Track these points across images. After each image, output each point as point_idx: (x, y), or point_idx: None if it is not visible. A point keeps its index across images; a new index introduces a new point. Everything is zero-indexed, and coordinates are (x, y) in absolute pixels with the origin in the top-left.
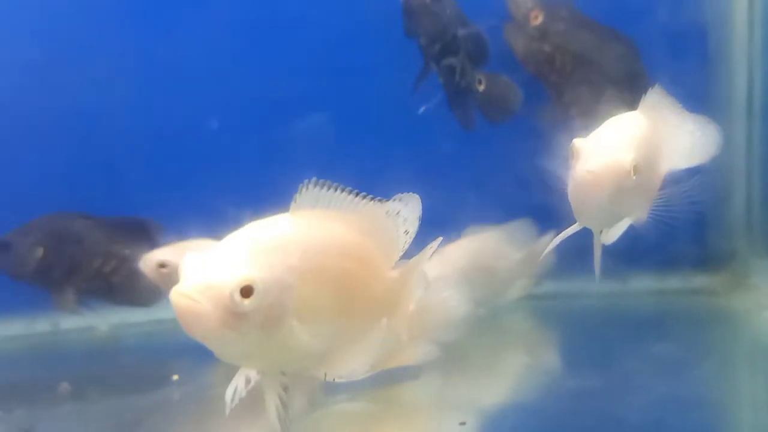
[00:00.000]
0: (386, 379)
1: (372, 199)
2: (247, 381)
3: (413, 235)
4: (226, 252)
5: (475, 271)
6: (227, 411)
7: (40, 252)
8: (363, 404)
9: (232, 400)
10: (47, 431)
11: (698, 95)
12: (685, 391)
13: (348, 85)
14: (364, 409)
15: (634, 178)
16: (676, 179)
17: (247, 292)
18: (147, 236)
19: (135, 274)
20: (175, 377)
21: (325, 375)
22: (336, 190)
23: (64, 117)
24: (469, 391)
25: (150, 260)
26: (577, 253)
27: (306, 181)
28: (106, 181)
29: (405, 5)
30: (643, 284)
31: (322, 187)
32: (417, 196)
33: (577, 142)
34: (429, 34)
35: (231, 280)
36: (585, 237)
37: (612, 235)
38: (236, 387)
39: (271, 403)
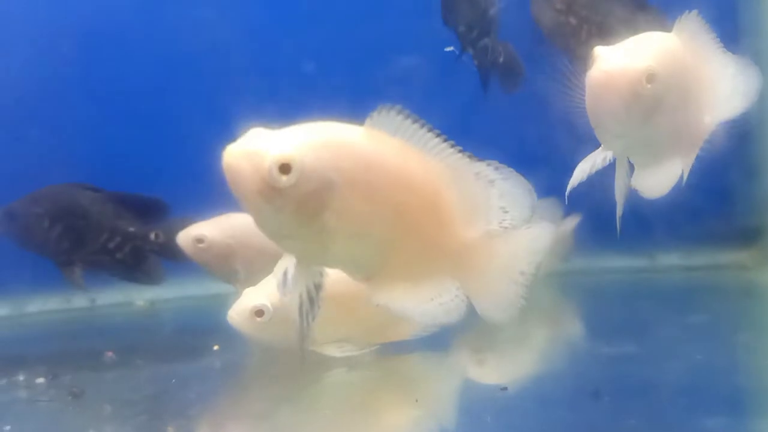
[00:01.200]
0: (405, 349)
1: (462, 152)
2: (286, 274)
3: (519, 221)
4: (286, 132)
5: None
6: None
7: (46, 222)
8: (391, 375)
9: (284, 285)
10: (97, 394)
11: None
12: (719, 357)
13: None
14: (395, 379)
15: (650, 86)
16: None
17: (285, 169)
18: (153, 214)
19: (140, 251)
20: (216, 347)
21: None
22: (422, 126)
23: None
24: (505, 360)
25: (188, 235)
26: (603, 230)
27: (384, 105)
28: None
29: None
30: (671, 260)
31: (405, 117)
32: (523, 179)
33: (598, 48)
34: (469, 22)
35: (273, 153)
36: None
37: (655, 190)
38: (284, 274)
39: (296, 295)
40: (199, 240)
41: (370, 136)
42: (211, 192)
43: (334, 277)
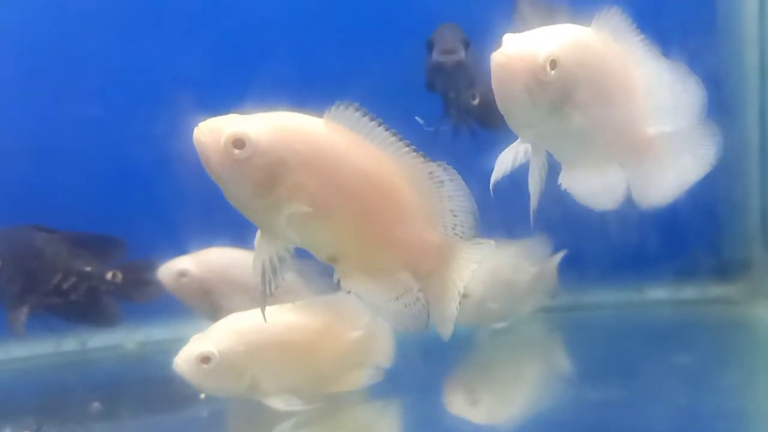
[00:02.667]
0: (398, 389)
1: (416, 152)
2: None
3: (467, 226)
4: (252, 116)
5: (497, 285)
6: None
7: None
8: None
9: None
10: None
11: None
12: (707, 401)
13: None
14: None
15: (552, 72)
16: None
17: (239, 144)
18: (111, 253)
19: (96, 291)
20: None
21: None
22: (379, 124)
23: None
24: (493, 403)
25: (170, 269)
26: (592, 265)
27: (341, 101)
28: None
29: (436, 65)
30: (660, 294)
31: (363, 114)
32: (464, 182)
33: (507, 35)
34: (458, 88)
35: (227, 128)
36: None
37: (603, 202)
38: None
39: (259, 262)
40: (182, 274)
41: (328, 127)
42: (165, 230)
43: (286, 325)
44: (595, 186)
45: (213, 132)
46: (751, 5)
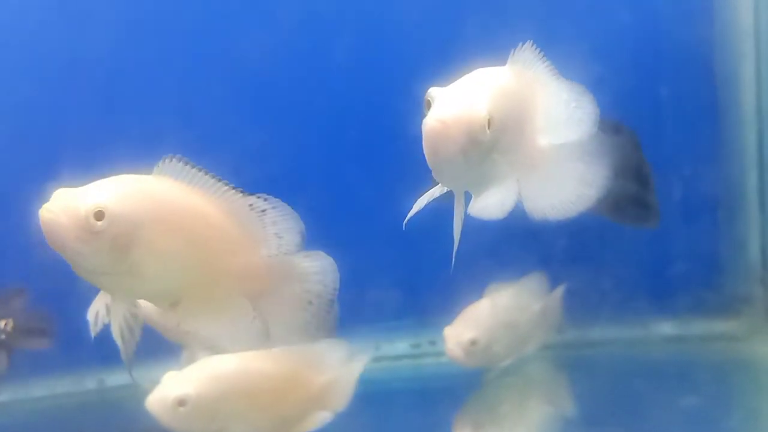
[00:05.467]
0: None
1: (236, 189)
2: (108, 307)
3: (292, 245)
4: (91, 187)
5: (502, 327)
6: (93, 334)
7: None
8: None
9: (96, 324)
10: None
11: (710, 143)
12: None
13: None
14: None
15: (488, 132)
16: None
17: (99, 216)
18: (9, 302)
19: None
20: None
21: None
22: (200, 171)
23: None
24: None
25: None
26: (595, 301)
27: (170, 155)
28: None
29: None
30: (665, 330)
31: (185, 164)
32: (290, 208)
33: (433, 90)
34: None
35: (87, 203)
36: (603, 284)
37: (492, 212)
38: (98, 311)
39: (118, 327)
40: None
41: (161, 182)
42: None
43: (258, 372)
44: (494, 200)
45: (69, 209)
46: (747, 43)
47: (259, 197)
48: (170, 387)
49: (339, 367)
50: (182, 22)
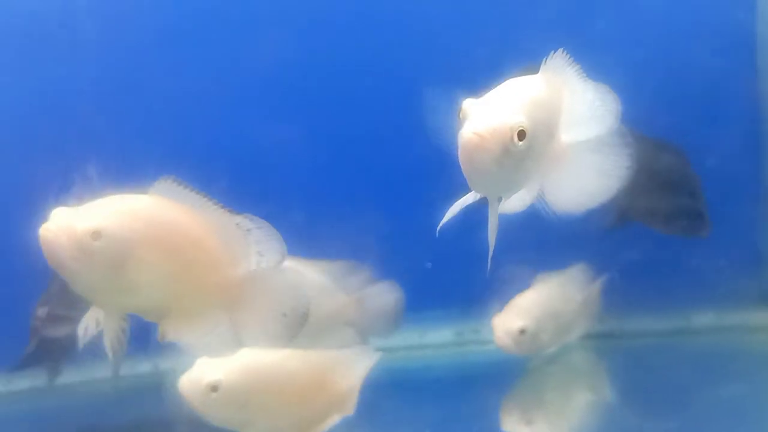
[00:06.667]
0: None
1: (224, 208)
2: (98, 321)
3: (272, 263)
4: (88, 207)
5: (548, 318)
6: (80, 345)
7: None
8: None
9: (84, 336)
10: None
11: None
12: None
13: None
14: None
15: (521, 143)
16: None
17: (96, 236)
18: None
19: None
20: None
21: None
22: (192, 190)
23: None
24: (547, 423)
25: None
26: (638, 291)
27: (165, 176)
28: None
29: None
30: (706, 321)
31: (179, 185)
32: (274, 229)
33: (467, 103)
34: None
35: (85, 223)
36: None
37: (513, 206)
38: (87, 325)
39: (108, 339)
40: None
41: (154, 201)
42: None
43: (288, 371)
44: (518, 197)
45: (67, 229)
46: None
47: (245, 217)
48: (204, 371)
49: (364, 375)
50: (190, 30)
